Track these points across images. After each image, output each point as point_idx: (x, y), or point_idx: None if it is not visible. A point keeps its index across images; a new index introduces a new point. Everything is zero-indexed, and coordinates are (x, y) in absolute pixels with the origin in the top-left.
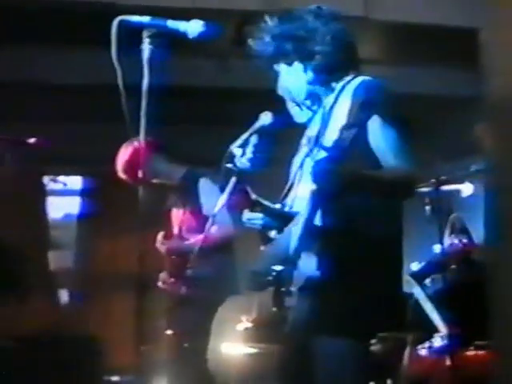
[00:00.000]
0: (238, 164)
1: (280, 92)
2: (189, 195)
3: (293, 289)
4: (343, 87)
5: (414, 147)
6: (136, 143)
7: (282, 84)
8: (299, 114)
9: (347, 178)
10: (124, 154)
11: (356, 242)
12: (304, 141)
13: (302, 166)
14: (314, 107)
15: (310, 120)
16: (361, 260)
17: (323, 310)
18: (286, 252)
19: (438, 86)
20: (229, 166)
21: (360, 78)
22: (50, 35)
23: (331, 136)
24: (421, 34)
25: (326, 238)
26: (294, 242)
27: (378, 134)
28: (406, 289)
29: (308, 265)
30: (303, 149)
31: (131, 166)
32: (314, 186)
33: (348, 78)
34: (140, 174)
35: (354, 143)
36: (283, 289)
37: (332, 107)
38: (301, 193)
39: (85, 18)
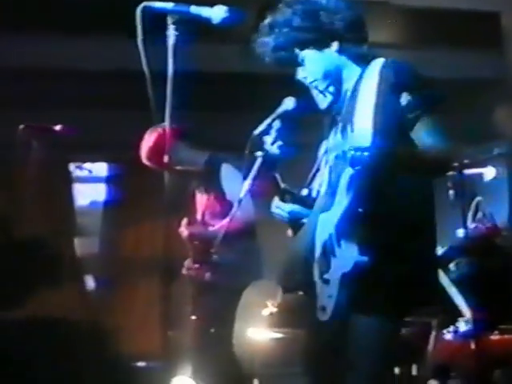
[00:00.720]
0: (267, 149)
1: (300, 78)
2: (212, 181)
3: (330, 277)
4: (365, 69)
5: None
6: (160, 129)
7: (301, 70)
8: (321, 100)
9: (385, 156)
10: (148, 141)
11: (393, 225)
12: (328, 126)
13: (327, 151)
14: (334, 91)
15: (332, 105)
16: (398, 243)
17: (364, 294)
18: (312, 242)
19: (460, 70)
20: (258, 153)
21: (381, 60)
22: (76, 22)
23: (362, 119)
24: (442, 18)
25: (365, 223)
26: (327, 230)
27: (411, 114)
28: None
29: (347, 251)
30: (328, 134)
31: (155, 152)
32: (351, 171)
33: (367, 60)
34: (164, 160)
35: (387, 125)
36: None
37: (356, 90)
38: (326, 178)
39: (109, 3)
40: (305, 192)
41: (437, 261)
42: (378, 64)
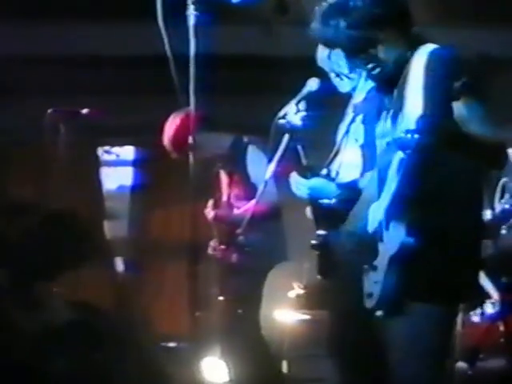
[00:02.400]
0: (292, 120)
1: (320, 63)
2: (237, 163)
3: (378, 263)
4: (413, 55)
5: None
6: (183, 115)
7: (321, 55)
8: (341, 84)
9: (436, 139)
10: (170, 128)
11: (441, 208)
12: (350, 109)
13: (347, 133)
14: (354, 76)
15: (354, 89)
16: (446, 226)
17: (410, 278)
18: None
19: (495, 47)
20: (282, 121)
21: (428, 47)
22: (101, 9)
23: (412, 105)
24: None
25: (413, 206)
26: (378, 218)
27: (462, 104)
28: None
29: (394, 234)
30: (349, 116)
31: (178, 138)
32: (401, 155)
33: (413, 48)
34: (187, 144)
35: (438, 113)
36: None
37: (406, 77)
38: (346, 159)
39: None
40: (324, 171)
41: (481, 247)
42: (426, 50)
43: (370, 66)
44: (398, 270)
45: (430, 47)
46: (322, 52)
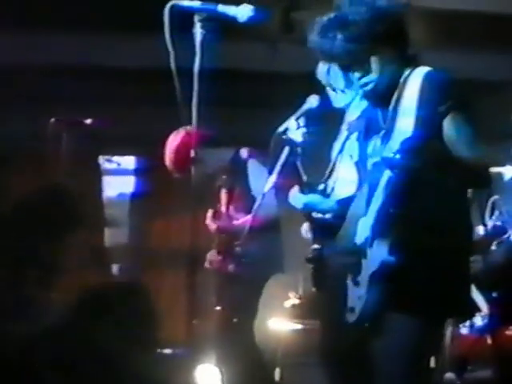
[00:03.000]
0: (292, 136)
1: (318, 77)
2: (238, 176)
3: (360, 279)
4: (407, 77)
5: None
6: (183, 134)
7: (321, 69)
8: (336, 99)
9: (422, 160)
10: (170, 148)
11: (425, 227)
12: (344, 126)
13: (342, 150)
14: (349, 92)
15: (348, 105)
16: (429, 245)
17: (391, 294)
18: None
19: (478, 71)
20: (283, 136)
21: (422, 70)
22: (106, 21)
23: (403, 127)
24: (463, 21)
25: (397, 224)
26: (364, 234)
27: (450, 126)
28: None
29: (377, 251)
30: (343, 133)
31: (179, 159)
32: (389, 174)
33: (408, 70)
34: (188, 165)
35: (427, 134)
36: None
37: (399, 99)
38: (341, 176)
39: (139, 3)
40: (321, 187)
41: (469, 265)
42: (421, 73)
43: (363, 80)
44: (379, 286)
45: (425, 70)
46: (322, 67)
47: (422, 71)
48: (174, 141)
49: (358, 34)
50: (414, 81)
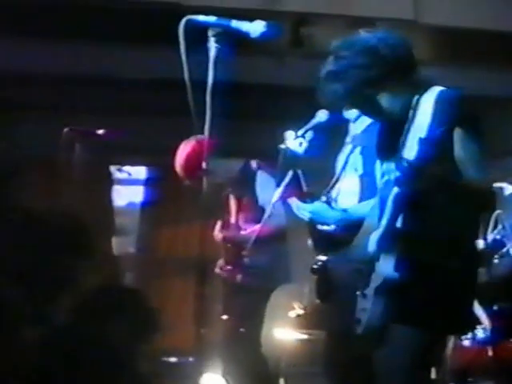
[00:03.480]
0: (295, 148)
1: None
2: (246, 187)
3: (368, 291)
4: (418, 100)
5: None
6: (194, 143)
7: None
8: (349, 111)
9: (428, 179)
10: (181, 156)
11: (431, 244)
12: (348, 139)
13: (346, 162)
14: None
15: (357, 118)
16: (438, 262)
17: (394, 308)
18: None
19: (480, 87)
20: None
21: (435, 89)
22: (121, 34)
23: (413, 144)
24: (468, 38)
25: (403, 240)
26: (372, 245)
27: (460, 145)
28: None
29: (383, 266)
30: (348, 146)
31: (189, 167)
32: (397, 190)
33: (420, 91)
34: (198, 171)
35: (436, 152)
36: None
37: (413, 119)
38: (344, 187)
39: (153, 17)
40: (324, 198)
41: (474, 281)
42: (433, 94)
43: (375, 116)
44: (384, 300)
45: (437, 89)
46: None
47: (434, 91)
48: (184, 149)
49: (356, 83)
50: (427, 101)
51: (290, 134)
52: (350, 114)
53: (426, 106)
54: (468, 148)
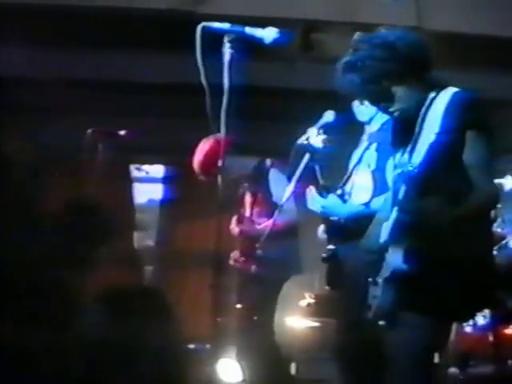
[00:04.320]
0: (313, 143)
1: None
2: (260, 183)
3: (379, 279)
4: (435, 98)
5: None
6: (211, 141)
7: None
8: (361, 113)
9: (433, 178)
10: (199, 154)
11: (439, 238)
12: (365, 136)
13: (361, 158)
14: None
15: (372, 118)
16: (446, 255)
17: (402, 298)
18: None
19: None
20: (304, 143)
21: (450, 90)
22: (143, 40)
23: (424, 144)
24: (470, 43)
25: (415, 234)
26: (383, 235)
27: (469, 147)
28: None
29: (392, 257)
30: (363, 143)
31: (206, 164)
32: (407, 185)
33: (435, 91)
34: (215, 168)
35: (446, 153)
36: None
37: (426, 116)
38: (358, 182)
39: (170, 24)
40: (338, 192)
41: (485, 274)
42: (447, 94)
43: (391, 110)
44: (393, 288)
45: (452, 90)
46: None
47: (449, 91)
48: (203, 147)
49: (373, 75)
50: (441, 100)
51: (312, 131)
52: (365, 115)
53: (440, 106)
54: (478, 151)
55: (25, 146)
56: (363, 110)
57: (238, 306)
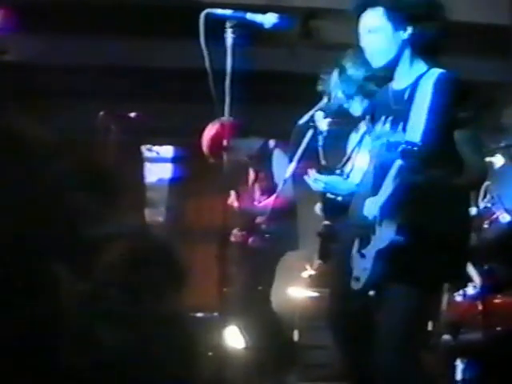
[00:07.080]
0: (318, 124)
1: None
2: (263, 163)
3: (367, 252)
4: (420, 77)
5: None
6: (219, 124)
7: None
8: (352, 108)
9: (432, 155)
10: (208, 134)
11: (430, 212)
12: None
13: (361, 141)
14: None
15: (365, 110)
16: (435, 227)
17: (395, 269)
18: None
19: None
20: (311, 123)
21: (436, 71)
22: (152, 28)
23: (416, 120)
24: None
25: (405, 209)
26: (372, 212)
27: (458, 126)
28: None
29: (386, 230)
30: (363, 127)
31: (214, 144)
32: (401, 163)
33: (423, 70)
34: (222, 148)
35: (436, 129)
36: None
37: (413, 92)
38: (358, 164)
39: (177, 12)
40: (338, 172)
41: (464, 243)
42: (436, 72)
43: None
44: (384, 261)
45: (437, 70)
46: (335, 76)
47: (436, 71)
48: (210, 130)
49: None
50: (428, 80)
51: (319, 114)
52: (357, 111)
53: (427, 85)
54: (467, 130)
55: (40, 129)
56: (352, 104)
57: (242, 277)
